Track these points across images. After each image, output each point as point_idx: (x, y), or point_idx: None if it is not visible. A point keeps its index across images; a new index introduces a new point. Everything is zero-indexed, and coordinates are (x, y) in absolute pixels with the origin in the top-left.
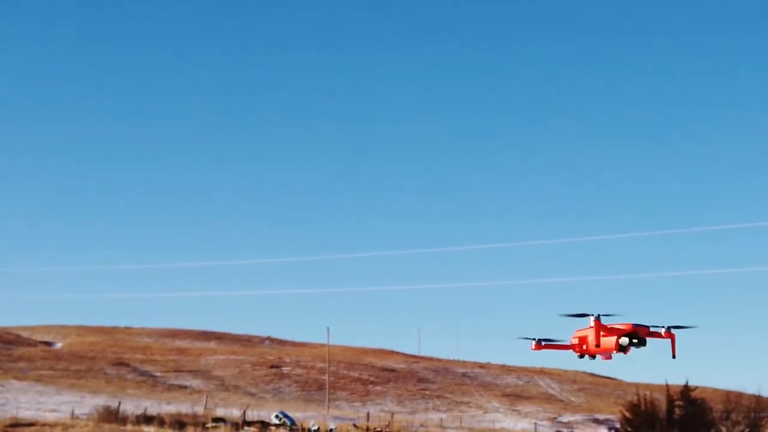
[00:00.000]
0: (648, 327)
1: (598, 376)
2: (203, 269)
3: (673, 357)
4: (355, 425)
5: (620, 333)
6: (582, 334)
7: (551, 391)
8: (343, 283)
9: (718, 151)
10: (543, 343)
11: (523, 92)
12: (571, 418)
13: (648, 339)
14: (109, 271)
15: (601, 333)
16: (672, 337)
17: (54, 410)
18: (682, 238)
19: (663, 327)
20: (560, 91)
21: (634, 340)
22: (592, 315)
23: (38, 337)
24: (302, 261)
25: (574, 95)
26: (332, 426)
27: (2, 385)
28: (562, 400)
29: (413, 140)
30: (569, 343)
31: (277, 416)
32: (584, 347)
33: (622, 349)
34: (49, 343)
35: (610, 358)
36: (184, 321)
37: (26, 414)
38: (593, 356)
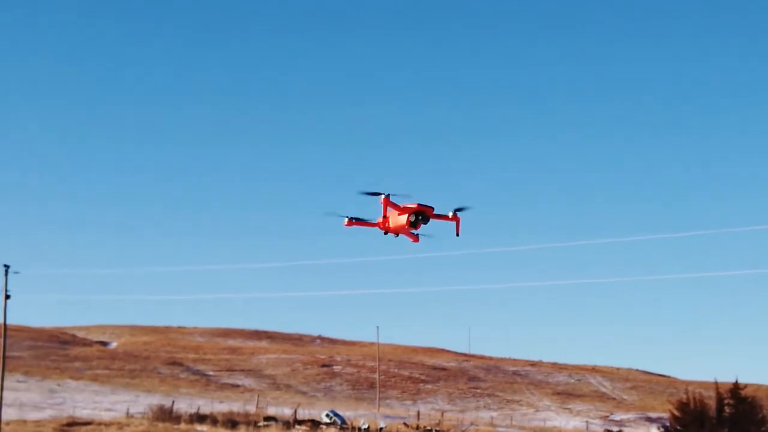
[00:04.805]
0: (433, 207)
1: (651, 373)
2: (255, 270)
3: (457, 235)
4: (405, 424)
5: (409, 211)
6: (387, 214)
7: (603, 389)
8: (393, 283)
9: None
10: (354, 221)
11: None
12: (624, 417)
13: (435, 220)
14: (162, 272)
15: (397, 212)
16: (457, 219)
17: (109, 409)
18: (725, 238)
19: (450, 211)
20: (557, 86)
21: (420, 217)
22: (383, 194)
23: (93, 337)
24: (352, 262)
25: (572, 92)
26: (382, 424)
27: (59, 385)
28: (614, 398)
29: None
30: (376, 222)
31: (327, 415)
32: (386, 225)
33: (413, 225)
34: (104, 343)
35: (416, 239)
36: (235, 320)
37: (83, 413)
38: (396, 234)
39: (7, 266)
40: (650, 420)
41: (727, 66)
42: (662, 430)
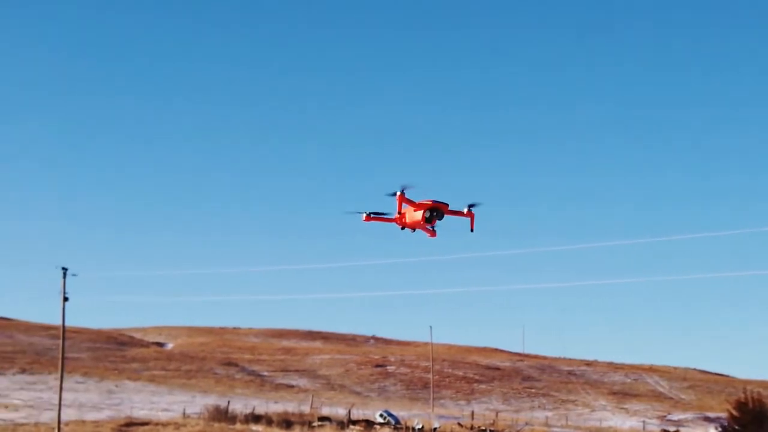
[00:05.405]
0: (447, 204)
1: (709, 373)
2: (308, 271)
3: (472, 231)
4: (459, 424)
5: (425, 207)
6: (402, 210)
7: (660, 389)
8: (446, 283)
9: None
10: (372, 216)
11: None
12: (681, 417)
13: (451, 215)
14: (217, 273)
15: (412, 208)
16: (471, 215)
17: (166, 410)
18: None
19: (465, 207)
20: (564, 84)
21: (435, 213)
22: (398, 191)
23: (150, 339)
24: (405, 262)
25: (576, 89)
26: (436, 425)
27: (117, 386)
28: (671, 398)
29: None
30: (393, 217)
31: (381, 415)
32: (403, 220)
33: (429, 221)
34: (160, 344)
35: (433, 234)
36: (290, 321)
37: (140, 413)
38: (413, 228)
39: (65, 269)
40: (708, 420)
41: (730, 68)
42: (720, 430)
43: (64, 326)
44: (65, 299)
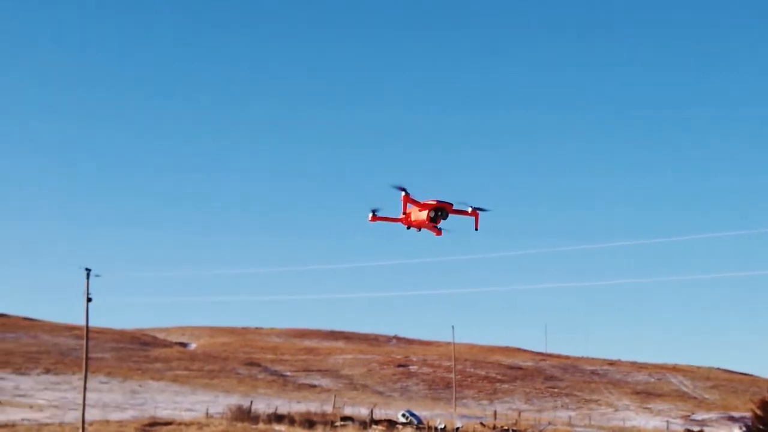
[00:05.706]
0: (452, 204)
1: (733, 372)
2: (330, 271)
3: (476, 229)
4: (482, 423)
5: (429, 207)
6: (408, 210)
7: (684, 389)
8: (468, 282)
9: None
10: (378, 216)
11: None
12: (705, 416)
13: (456, 215)
14: (240, 273)
15: (417, 208)
16: (476, 214)
17: (189, 409)
18: None
19: (469, 207)
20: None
21: (440, 213)
22: (403, 191)
23: (173, 339)
24: (428, 261)
25: (576, 89)
26: (459, 424)
27: (140, 386)
28: (695, 398)
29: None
30: (399, 217)
31: (403, 415)
32: (408, 220)
33: (434, 220)
34: (183, 344)
35: (439, 233)
36: (312, 321)
37: (163, 413)
38: (419, 228)
39: (88, 270)
40: (733, 419)
41: (730, 68)
42: (744, 429)
43: (87, 326)
44: (89, 300)
